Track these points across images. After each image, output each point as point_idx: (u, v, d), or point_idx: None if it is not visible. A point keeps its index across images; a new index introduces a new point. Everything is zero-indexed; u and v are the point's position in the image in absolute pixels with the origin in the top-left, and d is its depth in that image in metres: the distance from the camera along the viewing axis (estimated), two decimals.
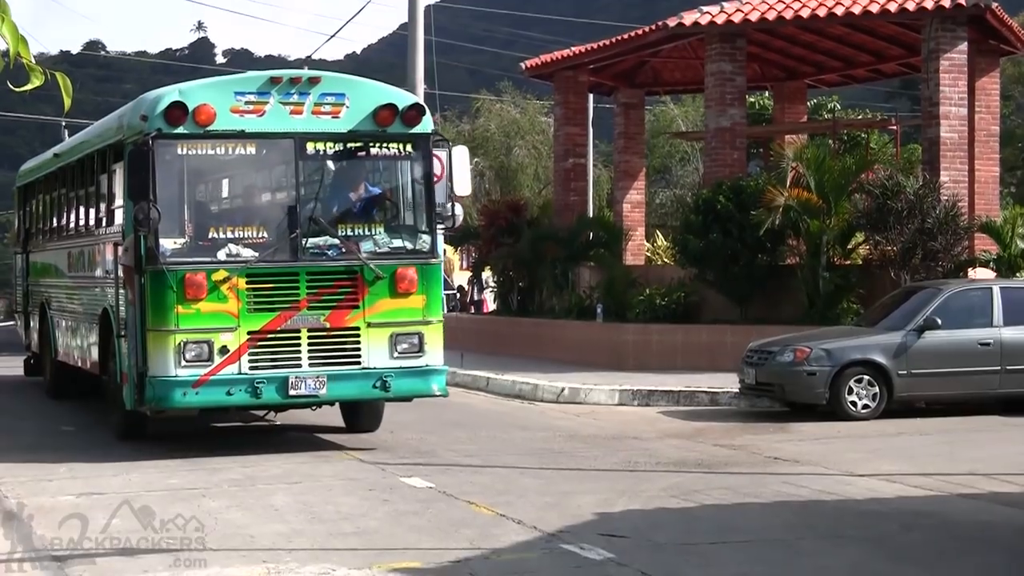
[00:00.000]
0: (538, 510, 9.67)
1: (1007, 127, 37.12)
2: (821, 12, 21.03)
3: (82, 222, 15.77)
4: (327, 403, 13.03)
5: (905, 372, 15.37)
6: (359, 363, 12.47)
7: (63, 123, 46.24)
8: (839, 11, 20.91)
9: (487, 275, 32.57)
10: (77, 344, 15.83)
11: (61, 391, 17.64)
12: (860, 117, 36.75)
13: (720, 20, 20.98)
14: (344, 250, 12.56)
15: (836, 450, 12.98)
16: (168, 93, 12.47)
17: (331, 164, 12.88)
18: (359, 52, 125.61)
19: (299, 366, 12.27)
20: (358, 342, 12.46)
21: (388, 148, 12.99)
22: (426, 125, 12.98)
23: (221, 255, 12.20)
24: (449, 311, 27.03)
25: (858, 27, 23.17)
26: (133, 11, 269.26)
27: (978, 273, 19.52)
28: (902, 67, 26.65)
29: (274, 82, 12.56)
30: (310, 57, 35.70)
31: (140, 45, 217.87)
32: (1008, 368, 15.62)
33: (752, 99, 32.64)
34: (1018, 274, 19.24)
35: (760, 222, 19.42)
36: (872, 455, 12.70)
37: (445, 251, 14.53)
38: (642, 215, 28.02)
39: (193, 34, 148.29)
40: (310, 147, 12.63)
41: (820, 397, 15.38)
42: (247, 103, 12.42)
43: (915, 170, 21.60)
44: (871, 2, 20.75)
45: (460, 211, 13.53)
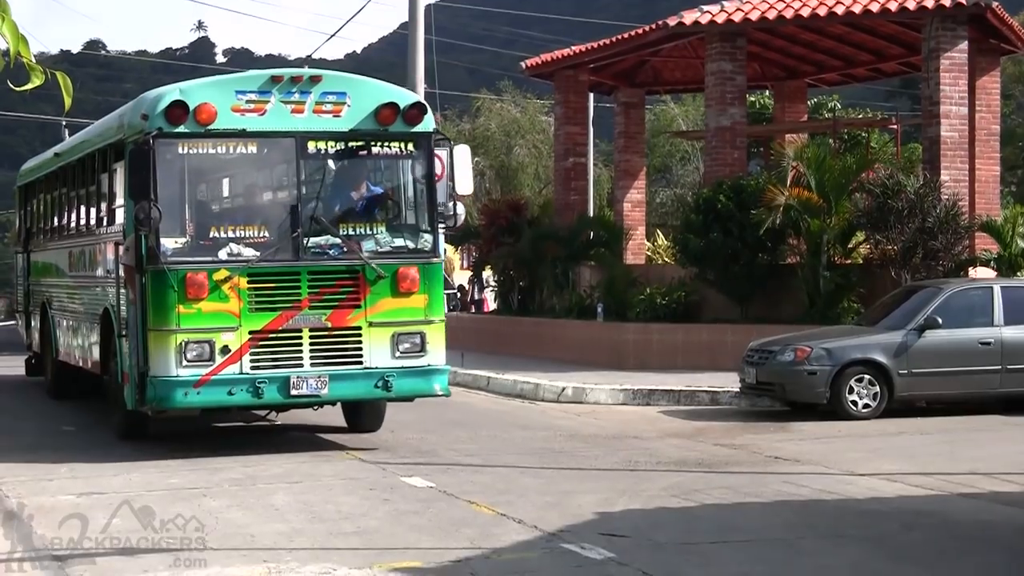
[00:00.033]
0: (539, 509, 9.67)
1: (1007, 126, 37.11)
2: (821, 11, 21.02)
3: (83, 221, 15.74)
4: (329, 403, 13.00)
5: (906, 371, 15.37)
6: (361, 363, 12.43)
7: (63, 122, 46.21)
8: (839, 10, 20.90)
9: (487, 274, 32.57)
10: (78, 344, 15.82)
11: (62, 391, 17.60)
12: (860, 116, 36.77)
13: (720, 19, 20.97)
14: (346, 249, 12.51)
15: (837, 449, 12.98)
16: (169, 92, 12.42)
17: (332, 163, 12.83)
18: (359, 51, 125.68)
19: (301, 366, 12.23)
20: (360, 342, 12.43)
21: (390, 147, 12.95)
22: (428, 124, 12.95)
23: (222, 254, 12.16)
24: (449, 311, 27.00)
25: (858, 26, 23.16)
26: (133, 10, 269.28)
27: (979, 272, 19.51)
28: (902, 66, 26.64)
29: (275, 81, 12.52)
30: (310, 56, 35.63)
31: (140, 44, 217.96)
32: (1009, 367, 15.62)
33: (752, 98, 32.64)
34: (1019, 273, 19.24)
35: (760, 221, 19.42)
36: (873, 454, 12.70)
37: (445, 250, 14.49)
38: (642, 214, 28.03)
39: (193, 33, 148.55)
40: (311, 146, 12.59)
41: (821, 396, 15.38)
42: (248, 102, 12.36)
43: (916, 169, 21.59)
44: (871, 1, 20.73)
45: (462, 210, 13.48)
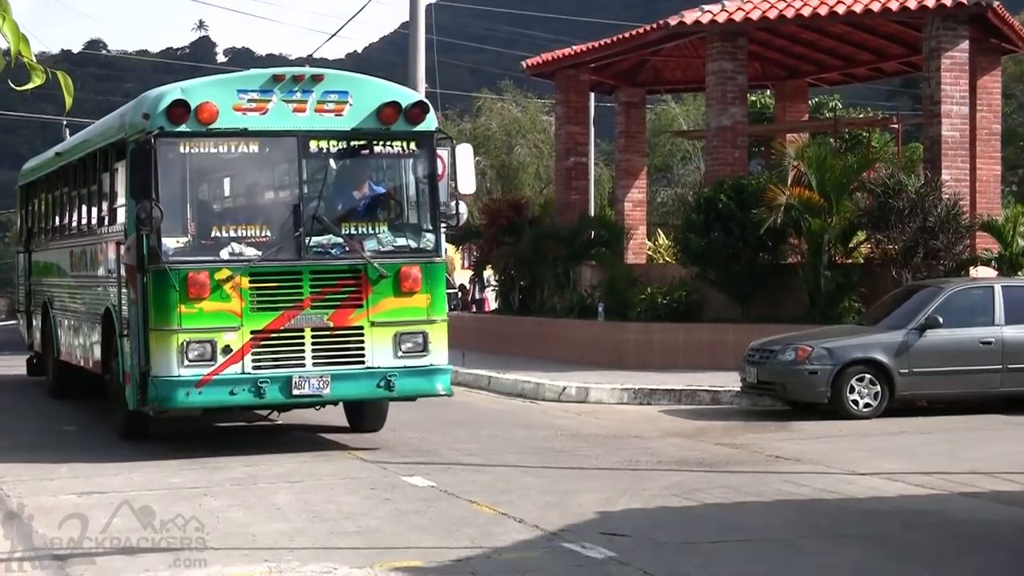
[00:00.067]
0: (540, 509, 9.67)
1: (1008, 126, 37.11)
2: (822, 11, 21.02)
3: (84, 221, 15.72)
4: (331, 403, 12.96)
5: (907, 371, 15.38)
6: (363, 362, 12.39)
7: (64, 122, 46.25)
8: (840, 10, 20.89)
9: (488, 274, 32.59)
10: (79, 344, 15.80)
11: (63, 391, 17.58)
12: (861, 116, 36.78)
13: (721, 19, 20.97)
14: (348, 249, 12.47)
15: (838, 449, 12.98)
16: (170, 91, 12.38)
17: (334, 162, 12.79)
18: (360, 51, 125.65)
19: (303, 366, 12.19)
20: (362, 341, 12.39)
21: (392, 146, 12.91)
22: (430, 123, 12.91)
23: (224, 254, 12.12)
24: (450, 310, 27.03)
25: (859, 26, 23.16)
26: (134, 10, 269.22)
27: (980, 272, 19.50)
28: (903, 66, 26.64)
29: (277, 80, 12.48)
30: (311, 56, 35.63)
31: (141, 44, 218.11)
32: (1010, 367, 15.62)
33: (753, 98, 32.66)
34: (1019, 273, 19.24)
35: (761, 221, 19.42)
36: (874, 454, 12.70)
37: (446, 250, 14.47)
38: (643, 214, 28.03)
39: (194, 33, 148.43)
40: (313, 145, 12.55)
41: (822, 396, 15.38)
42: (250, 101, 12.33)
43: (916, 169, 21.58)
44: (872, 0, 20.73)
45: (464, 209, 13.46)
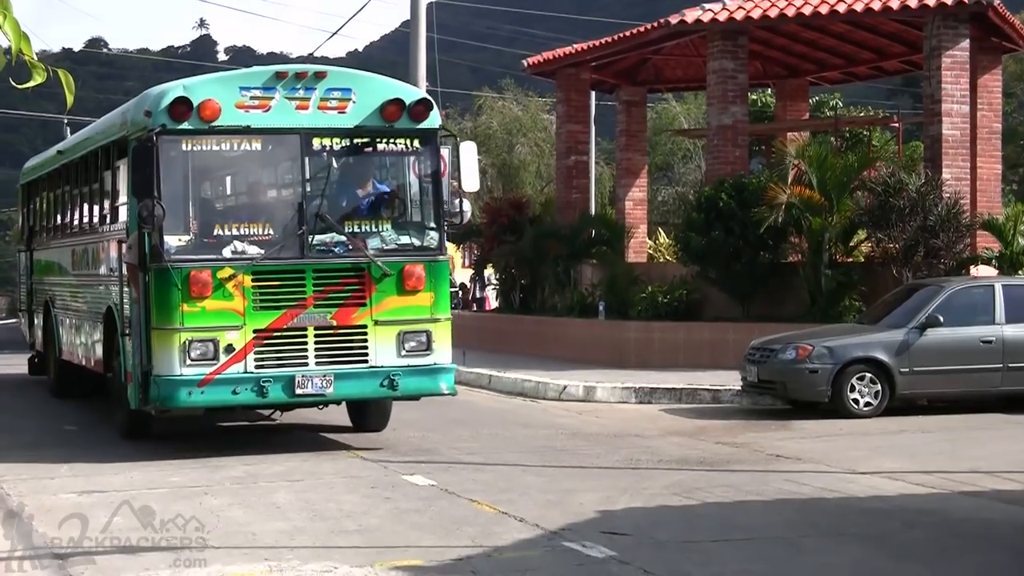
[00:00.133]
0: (540, 508, 9.68)
1: (1009, 124, 37.07)
2: (823, 9, 21.01)
3: (86, 219, 15.70)
4: (334, 402, 12.90)
5: (907, 370, 15.38)
6: (366, 361, 12.34)
7: (65, 120, 46.33)
8: (841, 8, 20.89)
9: (489, 273, 32.58)
10: (81, 343, 15.79)
11: (65, 390, 17.57)
12: (862, 114, 36.82)
13: (722, 17, 20.96)
14: (351, 247, 12.43)
15: (838, 448, 12.99)
16: (172, 88, 12.33)
17: (337, 160, 12.72)
18: (361, 49, 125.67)
19: (306, 365, 12.15)
20: (365, 340, 12.34)
21: (395, 143, 12.85)
22: (433, 120, 12.86)
23: (226, 252, 12.08)
24: (451, 309, 27.01)
25: (860, 24, 23.15)
26: (135, 9, 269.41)
27: (980, 271, 19.52)
28: (904, 64, 26.63)
29: (280, 77, 12.41)
30: (312, 54, 35.73)
31: (142, 42, 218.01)
32: (1010, 366, 15.62)
33: (754, 96, 32.65)
34: (1020, 271, 19.24)
35: (762, 220, 19.42)
36: (874, 453, 12.71)
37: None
38: (644, 213, 28.02)
39: (195, 31, 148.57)
40: (316, 143, 12.49)
41: (822, 395, 15.38)
42: (252, 98, 12.28)
43: (917, 167, 21.58)
44: None
45: (468, 207, 13.40)
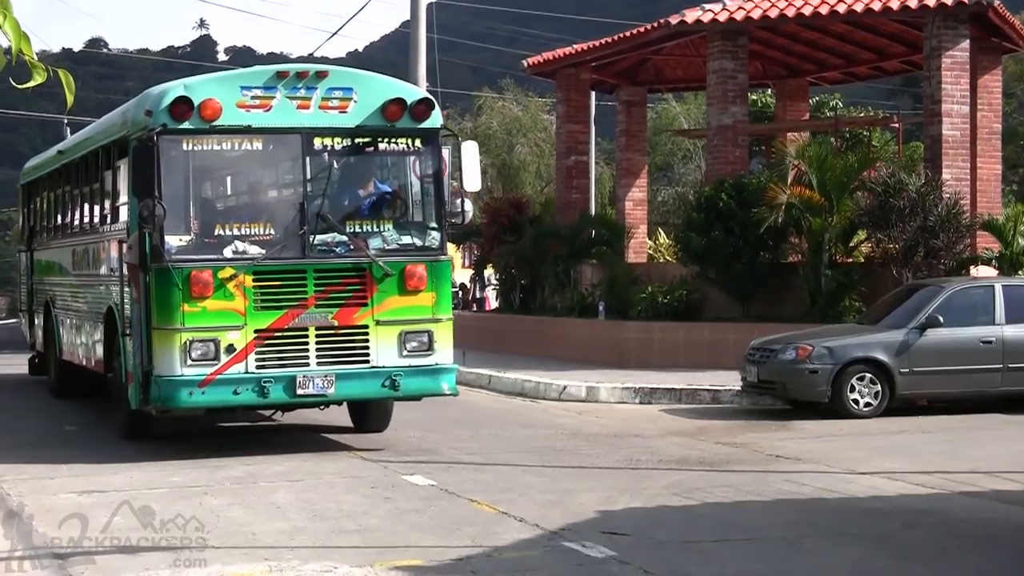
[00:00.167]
0: (540, 508, 9.68)
1: (1009, 125, 37.10)
2: (823, 10, 21.01)
3: (86, 219, 15.70)
4: (335, 403, 12.87)
5: (907, 370, 15.38)
6: (368, 362, 12.31)
7: (65, 120, 46.33)
8: (841, 8, 20.89)
9: (489, 273, 32.59)
10: (82, 343, 15.77)
11: (65, 390, 17.56)
12: (862, 115, 36.81)
13: (722, 18, 20.97)
14: (352, 247, 12.40)
15: (838, 448, 12.99)
16: (173, 88, 12.32)
17: (339, 160, 12.67)
18: (361, 50, 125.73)
19: (307, 365, 12.12)
20: (367, 340, 12.31)
21: (396, 143, 12.80)
22: (435, 120, 12.83)
23: (227, 252, 12.05)
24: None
25: (860, 25, 23.15)
26: (135, 9, 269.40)
27: (980, 271, 19.52)
28: (904, 65, 26.64)
29: (281, 76, 12.37)
30: (312, 55, 35.74)
31: (142, 43, 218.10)
32: (1010, 366, 15.62)
33: (754, 97, 32.66)
34: (1020, 272, 19.24)
35: (762, 220, 19.43)
36: (874, 453, 12.71)
37: None
38: (644, 213, 28.04)
39: (195, 31, 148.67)
40: (317, 142, 12.45)
41: (822, 395, 15.39)
42: (253, 98, 12.24)
43: (917, 168, 21.60)
44: None
45: (470, 207, 13.38)
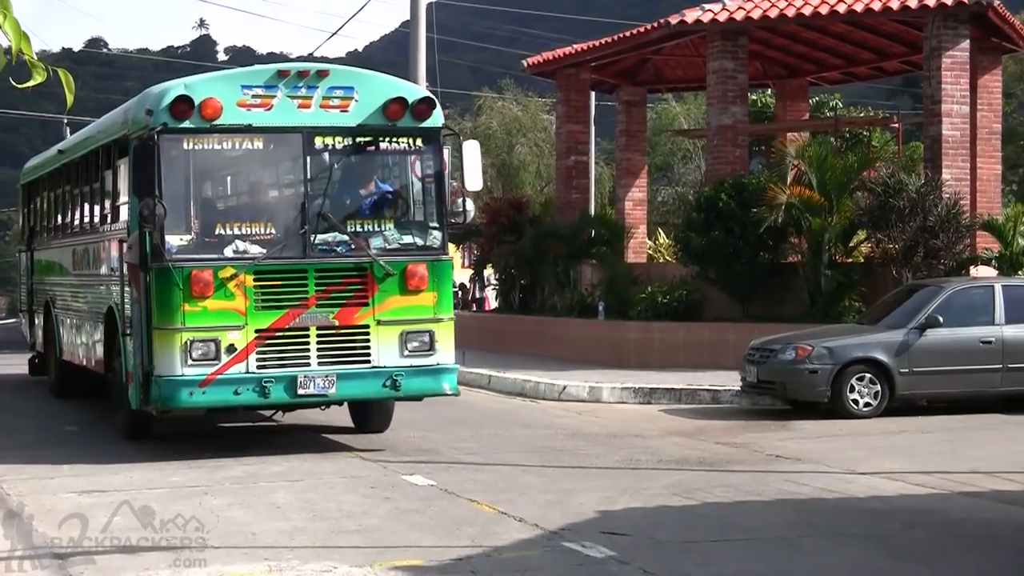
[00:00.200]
0: (540, 508, 9.68)
1: (1009, 125, 37.11)
2: (823, 10, 21.02)
3: (87, 219, 15.68)
4: (336, 403, 12.85)
5: (907, 370, 15.39)
6: (369, 362, 12.29)
7: (65, 120, 46.33)
8: (841, 9, 20.90)
9: (489, 273, 32.59)
10: (82, 343, 15.76)
11: (66, 390, 17.54)
12: (862, 115, 36.83)
13: (722, 18, 20.97)
14: (353, 246, 12.38)
15: (838, 448, 12.99)
16: (174, 87, 12.29)
17: (340, 159, 12.63)
18: (361, 50, 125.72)
19: (308, 365, 12.09)
20: (368, 340, 12.29)
21: (398, 142, 12.77)
22: (436, 119, 12.80)
23: (228, 252, 12.03)
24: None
25: (860, 25, 23.16)
26: (135, 9, 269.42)
27: (980, 271, 19.52)
28: (904, 65, 26.64)
29: (281, 75, 12.34)
30: (312, 54, 35.72)
31: (142, 42, 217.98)
32: (1010, 366, 15.63)
33: (754, 97, 32.67)
34: (1020, 272, 19.25)
35: (762, 220, 19.43)
36: (874, 453, 12.71)
37: None
38: (644, 213, 28.04)
39: (195, 31, 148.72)
40: (318, 141, 12.43)
41: (822, 395, 15.39)
42: (254, 97, 12.22)
43: (917, 168, 21.61)
44: None
45: (471, 207, 13.35)
